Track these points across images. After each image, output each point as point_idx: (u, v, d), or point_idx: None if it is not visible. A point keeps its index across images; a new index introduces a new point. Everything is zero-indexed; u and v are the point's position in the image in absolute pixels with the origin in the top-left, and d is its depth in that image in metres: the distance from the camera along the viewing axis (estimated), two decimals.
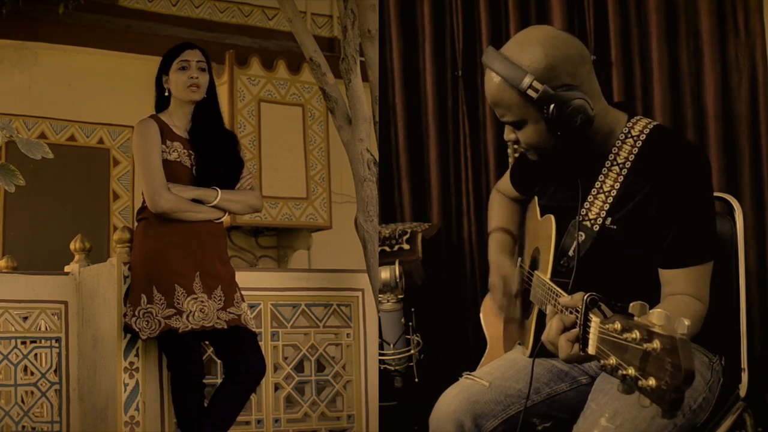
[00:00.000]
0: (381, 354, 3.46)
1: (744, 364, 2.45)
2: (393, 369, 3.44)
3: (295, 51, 4.97)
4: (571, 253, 2.15)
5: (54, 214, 5.62)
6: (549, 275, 2.15)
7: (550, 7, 3.88)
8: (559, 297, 1.88)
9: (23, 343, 3.26)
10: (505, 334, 2.62)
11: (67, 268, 3.47)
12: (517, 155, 2.31)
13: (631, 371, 1.40)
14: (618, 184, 2.12)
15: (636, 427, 1.98)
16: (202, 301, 2.96)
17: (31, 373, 3.28)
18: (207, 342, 3.16)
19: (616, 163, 2.13)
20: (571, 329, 1.74)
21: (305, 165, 5.84)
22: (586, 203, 2.16)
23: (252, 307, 3.30)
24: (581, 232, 2.15)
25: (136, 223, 3.10)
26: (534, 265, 2.34)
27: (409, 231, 3.64)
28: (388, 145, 4.03)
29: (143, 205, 3.03)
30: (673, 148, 2.09)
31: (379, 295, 3.41)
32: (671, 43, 3.82)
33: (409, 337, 3.45)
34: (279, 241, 6.18)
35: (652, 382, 1.34)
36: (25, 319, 3.27)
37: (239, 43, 6.12)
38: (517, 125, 2.11)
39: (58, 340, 3.30)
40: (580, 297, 1.67)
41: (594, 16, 3.85)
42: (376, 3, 3.36)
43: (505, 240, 2.55)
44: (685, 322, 1.35)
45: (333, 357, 3.54)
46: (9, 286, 3.25)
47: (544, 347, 1.86)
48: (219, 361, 3.23)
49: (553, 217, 2.22)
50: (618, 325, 1.46)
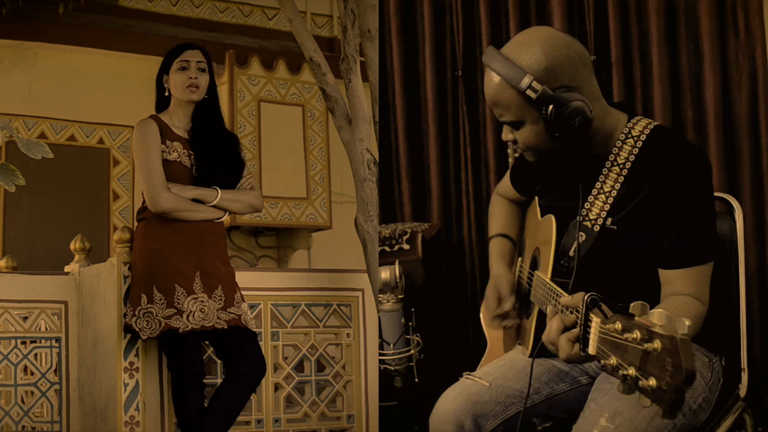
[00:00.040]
0: (381, 354, 3.46)
1: (744, 364, 2.45)
2: (393, 369, 3.44)
3: (295, 51, 4.97)
4: (571, 253, 2.16)
5: (54, 214, 5.62)
6: (549, 275, 2.15)
7: (550, 8, 3.88)
8: (560, 297, 1.89)
9: (23, 343, 3.26)
10: (505, 334, 2.62)
11: (67, 268, 3.47)
12: (517, 155, 2.31)
13: (631, 371, 1.40)
14: (618, 184, 2.12)
15: (635, 427, 1.98)
16: (203, 301, 2.96)
17: (31, 373, 3.28)
18: (207, 342, 3.16)
19: (616, 163, 2.13)
20: (572, 329, 1.74)
21: (305, 165, 5.84)
22: (586, 203, 2.16)
23: (252, 307, 3.30)
24: (582, 233, 2.15)
25: (136, 223, 3.11)
26: (534, 265, 2.34)
27: (409, 231, 3.64)
28: (388, 145, 4.03)
29: (143, 205, 3.03)
30: (673, 148, 2.09)
31: (379, 295, 3.40)
32: (671, 43, 3.82)
33: (409, 337, 3.45)
34: (279, 241, 6.18)
35: (652, 382, 1.34)
36: (25, 319, 3.27)
37: (239, 43, 6.12)
38: (515, 125, 2.11)
39: (58, 340, 3.30)
40: (581, 297, 1.67)
41: (594, 16, 3.85)
42: (376, 3, 3.36)
43: (505, 246, 2.55)
44: (686, 323, 1.35)
45: (333, 357, 3.54)
46: (9, 286, 3.25)
47: (544, 347, 1.86)
48: (219, 361, 3.23)
49: (553, 217, 2.23)
50: (618, 325, 1.46)
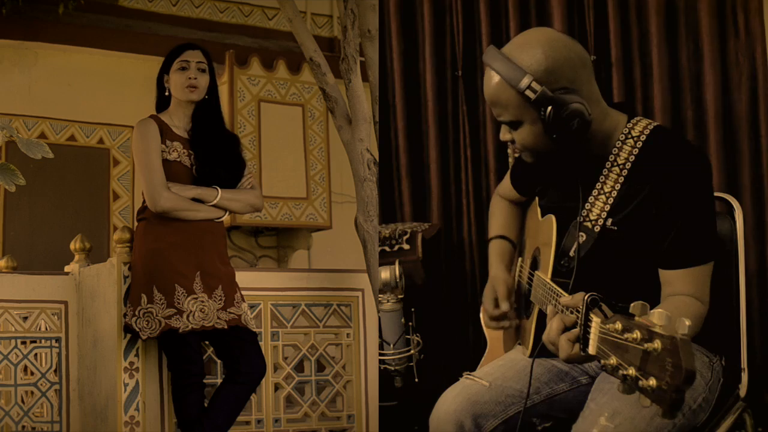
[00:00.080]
0: (381, 354, 3.46)
1: (744, 364, 2.45)
2: (393, 369, 3.44)
3: (295, 51, 4.97)
4: (571, 253, 2.16)
5: (54, 214, 5.62)
6: (549, 275, 2.15)
7: (550, 8, 3.88)
8: (560, 297, 1.89)
9: (23, 343, 3.26)
10: (505, 334, 2.62)
11: (67, 268, 3.47)
12: (516, 155, 2.31)
13: (631, 371, 1.40)
14: (618, 185, 2.12)
15: (635, 426, 1.98)
16: (203, 301, 2.96)
17: (31, 373, 3.28)
18: (207, 342, 3.16)
19: (616, 164, 2.13)
20: (572, 329, 1.74)
21: (305, 165, 5.84)
22: (587, 204, 2.16)
23: (252, 307, 3.30)
24: (582, 233, 2.15)
25: (136, 223, 3.11)
26: (535, 265, 2.34)
27: (409, 231, 3.64)
28: (388, 145, 4.03)
29: (143, 205, 3.03)
30: (673, 148, 2.09)
31: (379, 295, 3.40)
32: (671, 43, 3.82)
33: (409, 337, 3.45)
34: (279, 241, 6.18)
35: (652, 382, 1.34)
36: (25, 319, 3.27)
37: (239, 43, 6.11)
38: (513, 125, 2.11)
39: (58, 340, 3.30)
40: (581, 297, 1.67)
41: (594, 17, 3.85)
42: (376, 3, 3.36)
43: (504, 248, 2.55)
44: (686, 323, 1.35)
45: (333, 357, 3.54)
46: (9, 286, 3.25)
47: (545, 347, 1.86)
48: (219, 361, 3.23)
49: (553, 217, 2.23)
50: (619, 325, 1.46)
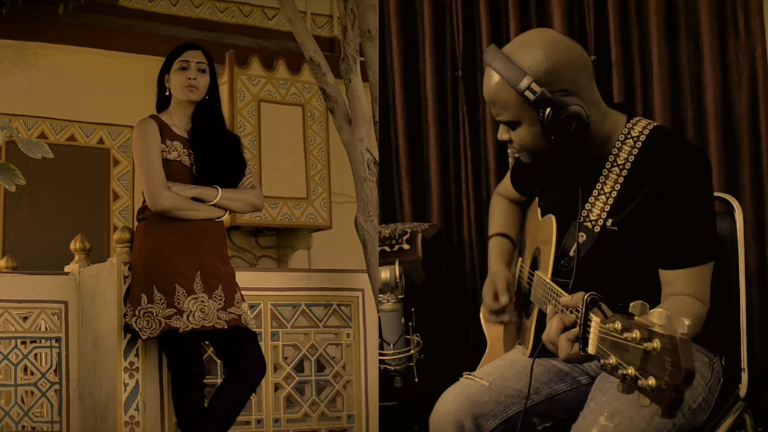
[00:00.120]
0: (381, 354, 3.46)
1: (744, 364, 2.45)
2: (393, 369, 3.44)
3: (295, 51, 4.97)
4: (571, 253, 2.16)
5: (54, 214, 5.62)
6: (549, 275, 2.15)
7: (550, 8, 3.88)
8: (560, 297, 1.89)
9: (23, 343, 3.26)
10: (505, 334, 2.62)
11: (67, 268, 3.47)
12: (517, 155, 2.31)
13: (631, 371, 1.40)
14: (618, 185, 2.12)
15: (635, 426, 1.98)
16: (203, 301, 2.96)
17: (31, 373, 3.28)
18: (207, 342, 3.16)
19: (616, 164, 2.13)
20: (572, 329, 1.74)
21: (305, 165, 5.84)
22: (587, 204, 2.16)
23: (252, 307, 3.30)
24: (582, 233, 2.15)
25: (136, 223, 3.11)
26: (535, 265, 2.34)
27: (409, 231, 3.64)
28: (388, 145, 4.03)
29: (144, 205, 3.03)
30: (673, 148, 2.09)
31: (379, 295, 3.40)
32: (671, 44, 3.81)
33: (409, 337, 3.45)
34: (279, 241, 6.18)
35: (651, 381, 1.34)
36: (25, 319, 3.27)
37: (239, 43, 6.12)
38: (511, 125, 2.11)
39: (58, 340, 3.30)
40: (581, 297, 1.67)
41: (594, 17, 3.85)
42: (376, 3, 3.36)
43: (504, 246, 2.55)
44: (686, 322, 1.35)
45: (333, 357, 3.54)
46: (9, 286, 3.25)
47: (545, 347, 1.86)
48: (219, 361, 3.23)
49: (553, 217, 2.23)
50: (618, 325, 1.46)
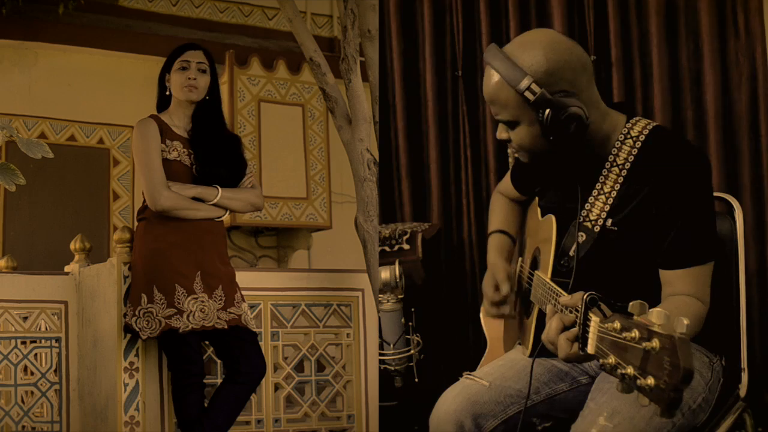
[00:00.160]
0: (381, 354, 3.46)
1: (744, 364, 2.45)
2: (393, 369, 3.44)
3: (295, 51, 4.97)
4: (571, 253, 2.16)
5: (54, 214, 5.62)
6: (549, 275, 2.15)
7: (550, 8, 3.88)
8: (559, 297, 1.89)
9: (23, 343, 3.26)
10: (505, 334, 2.62)
11: (67, 268, 3.47)
12: (516, 155, 2.31)
13: (630, 370, 1.40)
14: (618, 185, 2.12)
15: (634, 426, 1.98)
16: (203, 301, 2.96)
17: (31, 373, 3.28)
18: (207, 342, 3.16)
19: (615, 164, 2.13)
20: (571, 328, 1.74)
21: (305, 165, 5.84)
22: (587, 204, 2.16)
23: (252, 307, 3.30)
24: (582, 233, 2.15)
25: (136, 223, 3.11)
26: (535, 265, 2.34)
27: (409, 231, 3.64)
28: (388, 145, 4.03)
29: (144, 205, 3.03)
30: (672, 148, 2.09)
31: (379, 295, 3.40)
32: (671, 43, 3.81)
33: (409, 337, 3.45)
34: (279, 241, 6.18)
35: (650, 381, 1.34)
36: (25, 319, 3.27)
37: (239, 43, 6.12)
38: (510, 125, 2.11)
39: (58, 340, 3.30)
40: (580, 296, 1.67)
41: (594, 17, 3.85)
42: (376, 3, 3.36)
43: (503, 242, 2.55)
44: (684, 322, 1.35)
45: (333, 357, 3.54)
46: (9, 286, 3.25)
47: (545, 347, 1.86)
48: (219, 361, 3.23)
49: (553, 217, 2.23)
50: (617, 324, 1.46)
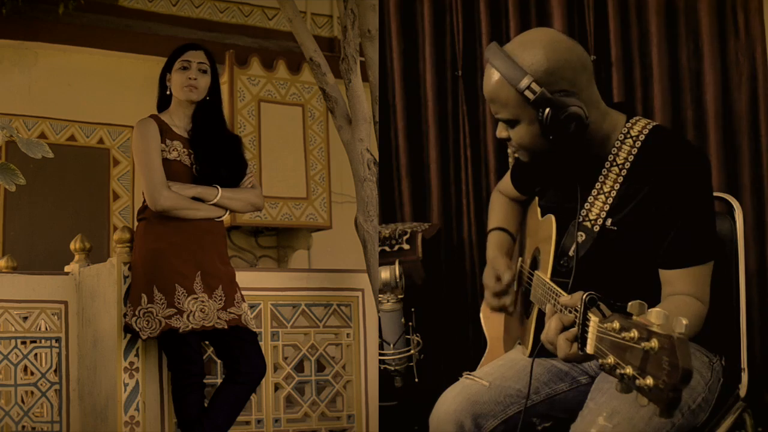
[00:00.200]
0: (381, 354, 3.46)
1: (744, 364, 2.45)
2: (393, 369, 3.44)
3: (295, 51, 4.97)
4: (571, 253, 2.16)
5: (54, 214, 5.62)
6: (549, 275, 2.15)
7: (550, 7, 3.88)
8: (559, 297, 1.89)
9: (23, 343, 3.26)
10: (505, 334, 2.62)
11: (67, 268, 3.47)
12: (516, 155, 2.31)
13: (629, 370, 1.40)
14: (618, 184, 2.12)
15: (634, 426, 1.98)
16: (203, 301, 2.96)
17: (31, 373, 3.28)
18: (207, 342, 3.16)
19: (615, 163, 2.13)
20: (570, 329, 1.74)
21: (305, 165, 5.84)
22: (586, 204, 2.16)
23: (252, 307, 3.30)
24: (581, 233, 2.15)
25: (136, 223, 3.11)
26: (534, 264, 2.34)
27: (409, 231, 3.64)
28: (388, 145, 4.03)
29: (144, 205, 3.03)
30: (672, 148, 2.09)
31: (379, 295, 3.40)
32: (671, 43, 3.81)
33: (409, 337, 3.45)
34: (279, 241, 6.18)
35: (649, 381, 1.34)
36: (25, 319, 3.27)
37: (239, 43, 6.12)
38: (510, 123, 2.11)
39: (58, 340, 3.30)
40: (579, 296, 1.67)
41: (594, 16, 3.85)
42: (376, 3, 3.36)
43: (503, 239, 2.55)
44: (683, 322, 1.35)
45: (333, 357, 3.54)
46: (9, 286, 3.25)
47: (544, 347, 1.86)
48: (219, 361, 3.23)
49: (553, 217, 2.23)
50: (616, 324, 1.47)
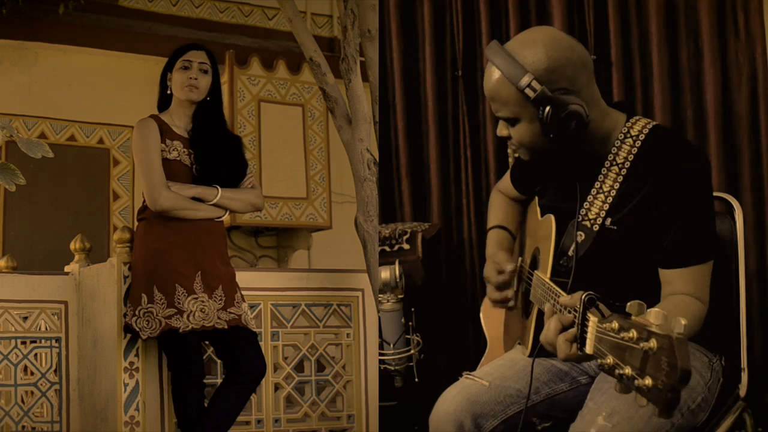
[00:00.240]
0: (381, 354, 3.46)
1: (744, 364, 2.45)
2: (393, 369, 3.44)
3: (295, 51, 4.97)
4: (570, 252, 2.16)
5: (54, 214, 5.62)
6: (548, 275, 2.15)
7: (550, 7, 3.88)
8: (558, 297, 1.89)
9: (23, 343, 3.26)
10: (505, 334, 2.62)
11: (67, 268, 3.47)
12: (516, 155, 2.31)
13: (627, 371, 1.40)
14: (617, 184, 2.12)
15: (633, 425, 1.98)
16: (203, 301, 2.96)
17: (31, 373, 3.28)
18: (207, 342, 3.16)
19: (615, 163, 2.13)
20: (569, 329, 1.74)
21: (305, 165, 5.84)
22: (585, 203, 2.16)
23: (252, 307, 3.30)
24: (581, 232, 2.15)
25: (136, 223, 3.11)
26: (534, 264, 2.34)
27: (409, 231, 3.64)
28: (388, 145, 4.03)
29: (144, 205, 3.03)
30: (672, 148, 2.10)
31: (379, 295, 3.40)
32: (671, 43, 3.81)
33: (409, 337, 3.45)
34: (279, 241, 6.17)
35: (648, 381, 1.34)
36: (25, 319, 3.27)
37: (239, 43, 6.12)
38: (511, 122, 2.12)
39: (58, 340, 3.30)
40: (579, 296, 1.67)
41: (594, 16, 3.85)
42: (376, 3, 3.36)
43: (503, 237, 2.55)
44: (682, 322, 1.35)
45: (333, 357, 3.54)
46: (9, 286, 3.25)
47: (544, 347, 1.86)
48: (219, 361, 3.23)
49: (553, 216, 2.23)
50: (615, 325, 1.47)
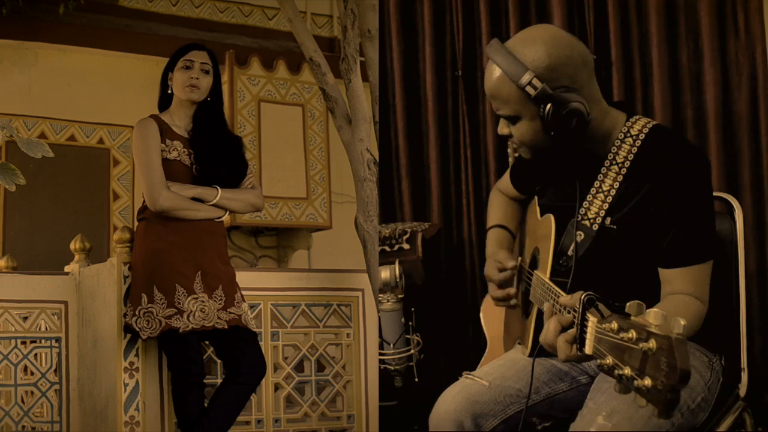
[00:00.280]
0: (381, 354, 3.46)
1: (744, 364, 2.45)
2: (393, 369, 3.44)
3: (295, 51, 4.97)
4: (570, 252, 2.16)
5: (54, 214, 5.62)
6: (548, 275, 2.15)
7: (550, 7, 3.88)
8: (558, 297, 1.89)
9: (23, 343, 3.26)
10: (505, 333, 2.62)
11: (67, 268, 3.47)
12: (516, 155, 2.31)
13: (627, 371, 1.40)
14: (617, 183, 2.12)
15: (633, 425, 1.98)
16: (203, 301, 2.96)
17: (31, 373, 3.28)
18: (207, 342, 3.16)
19: (615, 162, 2.13)
20: (569, 329, 1.74)
21: (305, 165, 5.84)
22: (585, 203, 2.16)
23: (252, 307, 3.30)
24: (580, 232, 2.15)
25: (136, 223, 3.11)
26: (534, 264, 2.34)
27: (409, 231, 3.64)
28: (388, 145, 4.03)
29: (144, 205, 3.03)
30: (672, 147, 2.10)
31: (379, 295, 3.40)
32: (671, 43, 3.81)
33: (409, 337, 3.45)
34: (279, 241, 6.17)
35: (647, 381, 1.34)
36: (25, 319, 3.27)
37: (239, 43, 6.11)
38: (512, 120, 2.12)
39: (58, 340, 3.30)
40: (578, 296, 1.67)
41: (594, 16, 3.85)
42: (376, 3, 3.36)
43: (503, 236, 2.55)
44: (681, 322, 1.35)
45: (333, 357, 3.54)
46: (9, 286, 3.25)
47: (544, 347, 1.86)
48: (219, 361, 3.23)
49: (552, 216, 2.23)
50: (615, 325, 1.47)
